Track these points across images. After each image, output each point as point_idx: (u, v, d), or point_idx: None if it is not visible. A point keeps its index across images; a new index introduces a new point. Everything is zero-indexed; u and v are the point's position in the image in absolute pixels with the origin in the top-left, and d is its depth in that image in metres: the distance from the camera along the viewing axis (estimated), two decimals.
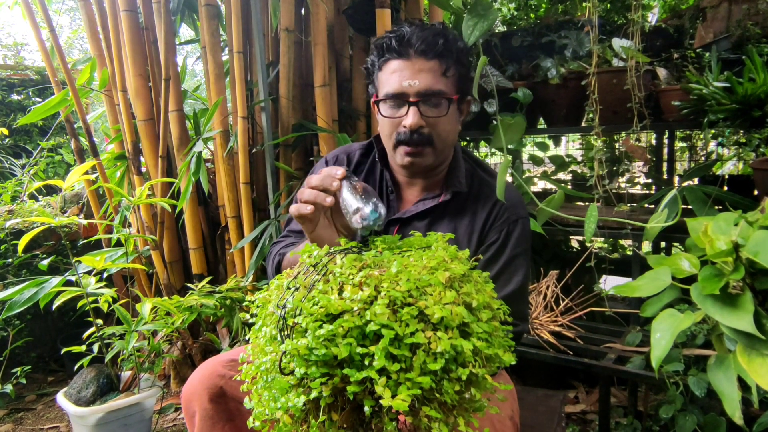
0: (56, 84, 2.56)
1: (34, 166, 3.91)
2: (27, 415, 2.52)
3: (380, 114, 1.23)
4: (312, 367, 0.70)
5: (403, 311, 0.71)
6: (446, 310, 0.72)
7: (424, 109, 1.18)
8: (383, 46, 1.21)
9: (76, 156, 2.69)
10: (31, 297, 1.91)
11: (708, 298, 0.88)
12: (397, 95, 1.18)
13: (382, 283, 0.75)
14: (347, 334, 0.70)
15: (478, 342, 0.73)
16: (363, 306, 0.72)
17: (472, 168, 1.34)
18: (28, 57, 6.03)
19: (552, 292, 2.01)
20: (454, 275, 0.79)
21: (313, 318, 0.72)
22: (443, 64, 1.18)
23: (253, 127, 2.43)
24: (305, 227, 1.09)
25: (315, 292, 0.76)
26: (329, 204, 1.04)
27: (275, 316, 0.78)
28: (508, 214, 1.25)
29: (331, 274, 0.79)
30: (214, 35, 2.35)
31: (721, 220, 0.95)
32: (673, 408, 1.54)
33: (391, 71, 1.19)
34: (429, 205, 1.28)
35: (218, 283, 2.26)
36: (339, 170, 1.06)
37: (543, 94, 2.26)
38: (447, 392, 0.71)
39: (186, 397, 1.22)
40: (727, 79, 1.74)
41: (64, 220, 1.87)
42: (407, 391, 0.67)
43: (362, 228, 1.00)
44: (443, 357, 0.70)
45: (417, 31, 1.17)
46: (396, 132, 1.21)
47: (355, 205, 1.00)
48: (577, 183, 2.84)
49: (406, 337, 0.70)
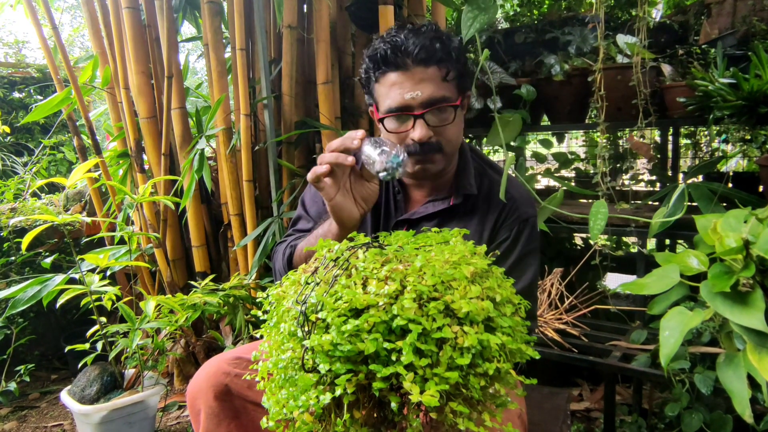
0: (58, 82, 2.56)
1: (36, 164, 3.91)
2: (31, 413, 2.52)
3: (384, 129, 1.20)
4: (336, 363, 0.69)
5: (430, 306, 0.70)
6: (473, 304, 0.71)
7: (430, 119, 1.15)
8: (378, 58, 1.16)
9: (78, 154, 2.68)
10: (35, 295, 1.91)
11: (718, 296, 0.88)
12: (400, 109, 1.15)
13: (407, 278, 0.73)
14: (373, 329, 0.69)
15: (503, 337, 0.72)
16: (389, 301, 0.71)
17: (482, 168, 1.32)
18: (29, 55, 6.03)
19: (556, 289, 2.00)
20: (477, 270, 0.78)
21: (337, 313, 0.70)
22: (443, 69, 1.15)
23: (256, 124, 2.42)
24: (326, 193, 1.07)
25: (338, 287, 0.74)
26: (350, 163, 1.03)
27: (294, 312, 0.76)
28: (519, 213, 1.24)
29: (354, 268, 0.77)
30: (216, 32, 2.34)
31: (731, 217, 0.95)
32: (679, 406, 1.54)
33: (390, 84, 1.15)
34: (439, 207, 1.26)
35: (221, 281, 2.26)
36: (359, 132, 1.06)
37: (546, 91, 2.25)
38: (473, 387, 0.70)
39: (191, 395, 1.22)
40: (732, 75, 1.73)
41: (67, 218, 1.87)
42: (435, 386, 0.66)
43: (385, 172, 1.00)
44: (470, 352, 0.69)
45: (412, 37, 1.13)
46: (404, 144, 1.18)
47: (378, 150, 1.01)
48: (581, 180, 2.83)
49: (434, 331, 0.69)
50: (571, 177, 2.94)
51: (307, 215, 1.40)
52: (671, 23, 2.22)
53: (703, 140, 2.60)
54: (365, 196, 1.12)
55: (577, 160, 2.93)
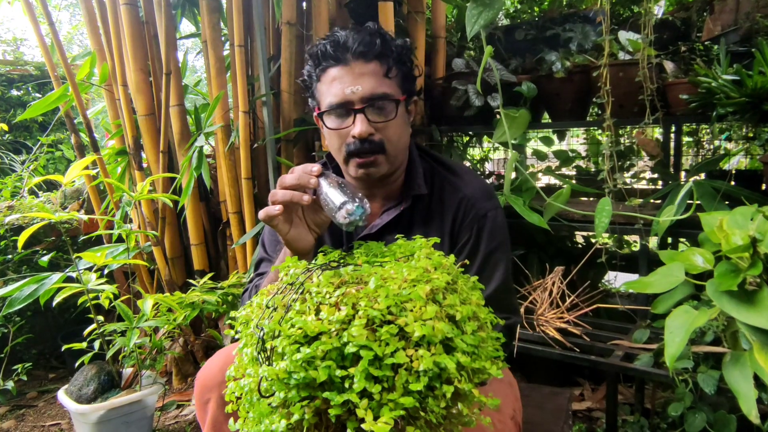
0: (56, 79, 2.54)
1: (34, 161, 3.89)
2: (29, 412, 2.50)
3: (325, 127, 1.17)
4: (292, 390, 0.69)
5: (382, 330, 0.69)
6: (427, 326, 0.70)
7: (371, 116, 1.13)
8: (318, 54, 1.15)
9: (76, 151, 2.67)
10: (32, 293, 1.89)
11: (724, 295, 0.86)
12: (340, 105, 1.13)
13: (359, 302, 0.72)
14: (326, 356, 0.68)
15: (462, 357, 0.71)
16: (341, 326, 0.70)
17: (432, 167, 1.29)
18: (27, 52, 6.02)
19: (557, 288, 1.99)
20: (436, 287, 0.76)
21: (291, 341, 0.70)
22: (384, 64, 1.14)
23: (255, 121, 2.41)
24: (279, 229, 1.05)
25: (292, 313, 0.74)
26: (306, 202, 1.01)
27: (255, 337, 0.76)
28: (475, 210, 1.21)
29: (308, 293, 0.77)
30: (215, 29, 2.33)
31: (737, 214, 0.93)
32: (682, 405, 1.52)
33: (331, 80, 1.14)
34: (393, 214, 1.23)
35: (220, 280, 2.24)
36: (315, 166, 1.03)
37: (547, 88, 2.23)
38: (432, 410, 0.69)
39: (202, 385, 1.17)
40: (736, 72, 1.71)
41: (64, 216, 1.85)
42: (390, 412, 0.65)
43: (348, 224, 0.96)
44: (426, 375, 0.67)
45: (352, 34, 1.13)
46: (345, 144, 1.16)
47: (340, 200, 0.96)
48: (582, 178, 2.82)
49: (387, 357, 0.68)
50: (572, 175, 2.92)
51: (269, 256, 1.35)
52: (673, 20, 2.20)
53: (705, 138, 2.59)
54: (318, 222, 1.10)
55: (578, 158, 2.92)
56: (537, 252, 2.46)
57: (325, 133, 1.20)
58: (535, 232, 2.45)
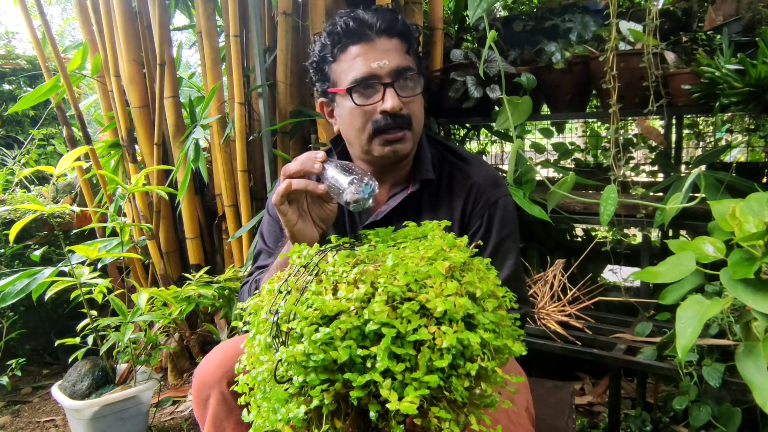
0: (47, 71, 2.50)
1: (26, 155, 3.84)
2: (24, 407, 2.47)
3: (352, 103, 1.12)
4: (311, 374, 0.66)
5: (404, 307, 0.67)
6: (449, 302, 0.67)
7: (399, 90, 1.10)
8: (338, 32, 1.11)
9: (68, 145, 2.62)
10: (24, 288, 1.87)
11: (739, 284, 0.84)
12: (367, 78, 1.09)
13: (378, 279, 0.70)
14: (346, 336, 0.66)
15: (485, 334, 0.69)
16: (360, 305, 0.68)
17: (440, 153, 1.26)
18: (19, 46, 5.95)
19: (558, 281, 1.97)
20: (454, 264, 0.74)
21: (308, 322, 0.67)
22: (404, 42, 1.13)
23: (250, 113, 2.37)
24: (289, 219, 1.02)
25: (308, 294, 0.71)
26: (321, 191, 0.98)
27: (268, 323, 0.73)
28: (487, 197, 1.19)
29: (324, 273, 0.74)
30: (210, 19, 2.29)
31: (752, 201, 0.91)
32: (686, 399, 1.51)
33: (353, 57, 1.11)
34: (400, 198, 1.20)
35: (216, 273, 2.21)
36: (319, 153, 1.01)
37: (547, 79, 2.20)
38: (456, 389, 0.66)
39: (200, 381, 1.14)
40: (740, 61, 1.69)
41: (56, 208, 1.82)
42: (414, 392, 0.63)
43: (356, 203, 0.94)
44: (450, 353, 0.65)
45: (370, 12, 1.11)
46: (372, 121, 1.12)
47: (347, 179, 0.94)
48: (581, 170, 2.80)
49: (409, 334, 0.65)
50: (571, 168, 2.90)
51: (267, 248, 1.32)
52: (674, 10, 2.18)
53: (705, 130, 2.57)
54: (324, 217, 1.07)
55: (577, 151, 2.90)
56: (536, 245, 2.44)
57: (344, 113, 1.16)
58: (534, 225, 2.43)
